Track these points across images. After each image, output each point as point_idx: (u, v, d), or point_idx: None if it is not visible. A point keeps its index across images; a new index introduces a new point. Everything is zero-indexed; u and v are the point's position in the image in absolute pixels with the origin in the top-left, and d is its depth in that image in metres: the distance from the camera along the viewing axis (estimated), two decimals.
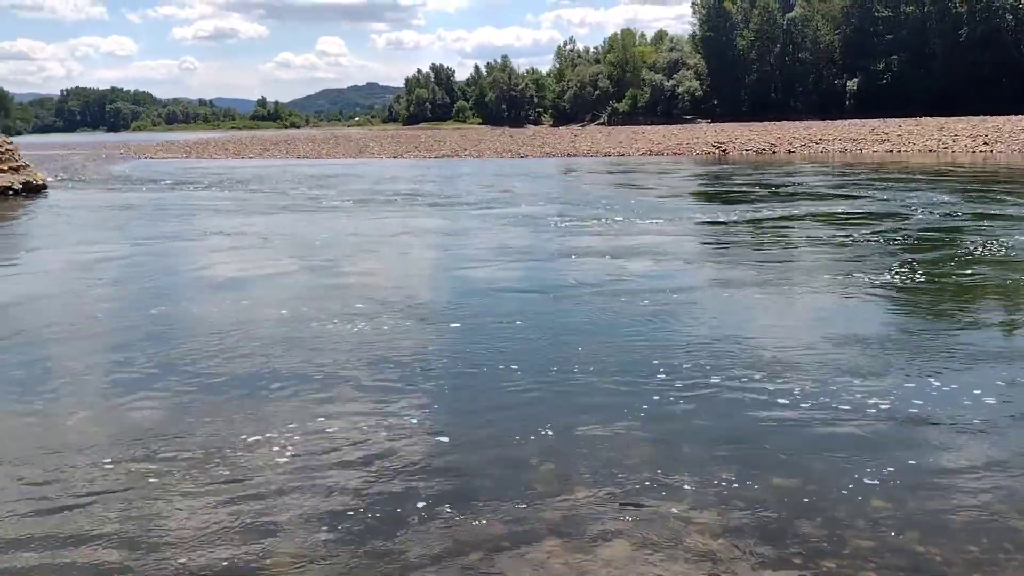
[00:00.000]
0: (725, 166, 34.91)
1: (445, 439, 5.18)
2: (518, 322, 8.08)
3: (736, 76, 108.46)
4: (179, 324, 8.46)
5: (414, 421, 5.51)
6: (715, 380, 6.14)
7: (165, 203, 22.58)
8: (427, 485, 4.54)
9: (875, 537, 3.91)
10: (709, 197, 21.60)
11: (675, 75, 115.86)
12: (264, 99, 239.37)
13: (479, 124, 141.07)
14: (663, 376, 6.25)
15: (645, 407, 5.63)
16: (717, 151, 44.99)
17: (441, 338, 7.64)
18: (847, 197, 19.64)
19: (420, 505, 4.31)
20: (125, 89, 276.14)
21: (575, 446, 5.04)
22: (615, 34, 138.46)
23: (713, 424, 5.37)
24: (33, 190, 25.45)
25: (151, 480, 4.68)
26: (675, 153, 45.14)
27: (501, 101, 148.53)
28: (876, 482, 4.46)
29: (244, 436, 5.29)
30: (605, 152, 46.81)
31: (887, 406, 5.56)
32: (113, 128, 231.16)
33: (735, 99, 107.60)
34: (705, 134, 60.82)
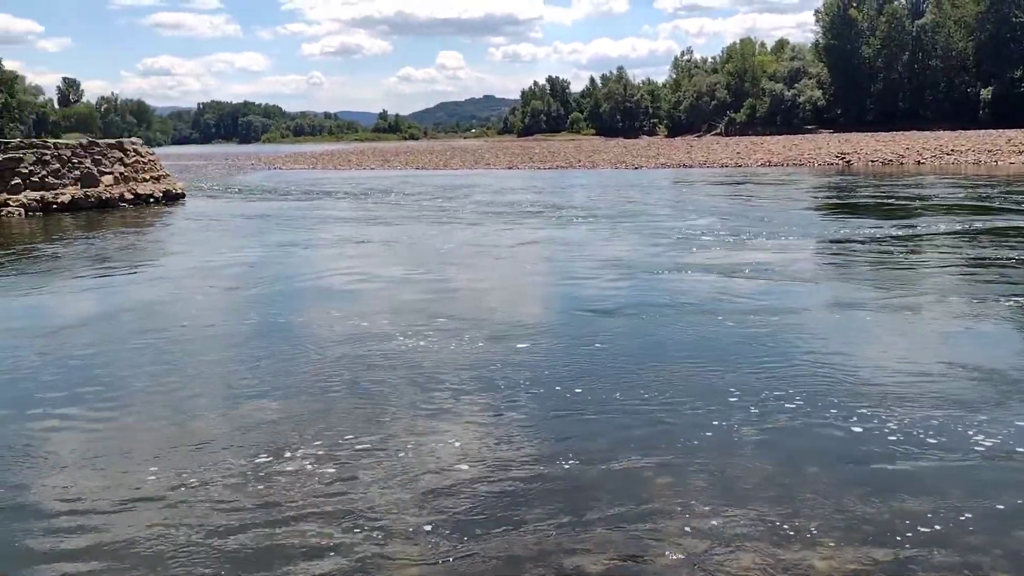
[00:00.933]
0: (848, 177, 33.74)
1: (553, 450, 5.26)
2: (619, 340, 8.05)
3: (861, 84, 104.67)
4: (296, 329, 8.88)
5: (517, 435, 5.61)
6: (813, 410, 5.98)
7: (293, 212, 23.61)
8: (534, 498, 4.64)
9: None
10: (830, 210, 20.94)
11: (796, 84, 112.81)
12: (385, 112, 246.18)
13: (593, 135, 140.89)
14: (757, 406, 6.12)
15: (731, 437, 5.54)
16: (840, 162, 43.56)
17: (538, 356, 7.66)
18: (982, 212, 18.67)
19: (532, 516, 4.41)
20: (256, 103, 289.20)
21: (678, 472, 5.02)
22: (734, 44, 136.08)
23: (818, 455, 5.25)
24: (172, 198, 27.07)
25: (262, 484, 4.96)
26: (795, 164, 43.94)
27: (615, 112, 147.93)
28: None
29: (354, 442, 5.52)
30: (722, 163, 46.01)
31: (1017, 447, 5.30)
32: (245, 140, 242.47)
33: (859, 108, 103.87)
34: (828, 144, 58.94)
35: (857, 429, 5.52)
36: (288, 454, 5.34)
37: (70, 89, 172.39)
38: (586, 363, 7.25)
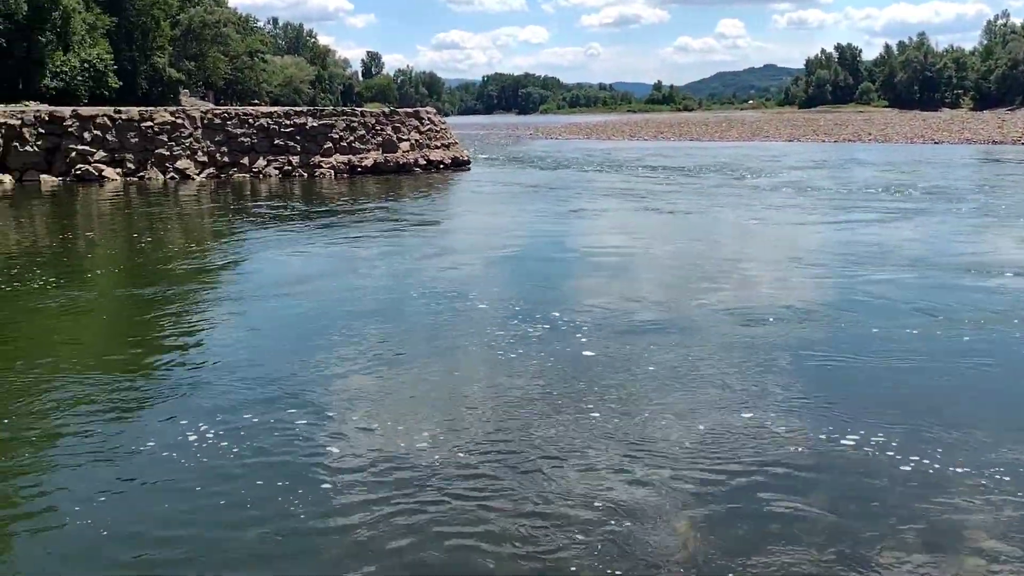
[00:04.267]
0: None
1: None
2: (895, 353, 7.54)
3: None
4: (559, 296, 9.19)
5: (781, 426, 5.47)
6: None
7: (568, 181, 24.27)
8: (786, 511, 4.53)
9: None
10: None
11: None
12: (660, 83, 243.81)
13: (885, 107, 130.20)
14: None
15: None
16: None
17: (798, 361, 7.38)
18: None
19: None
20: (536, 75, 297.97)
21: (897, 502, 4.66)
22: None
23: None
24: (459, 164, 28.83)
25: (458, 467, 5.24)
26: None
27: (912, 83, 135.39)
28: None
29: (617, 421, 5.66)
30: None
31: None
32: (523, 111, 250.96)
33: None
34: None
35: None
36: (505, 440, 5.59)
37: (373, 62, 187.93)
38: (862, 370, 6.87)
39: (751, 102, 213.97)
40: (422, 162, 27.37)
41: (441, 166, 27.94)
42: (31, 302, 9.02)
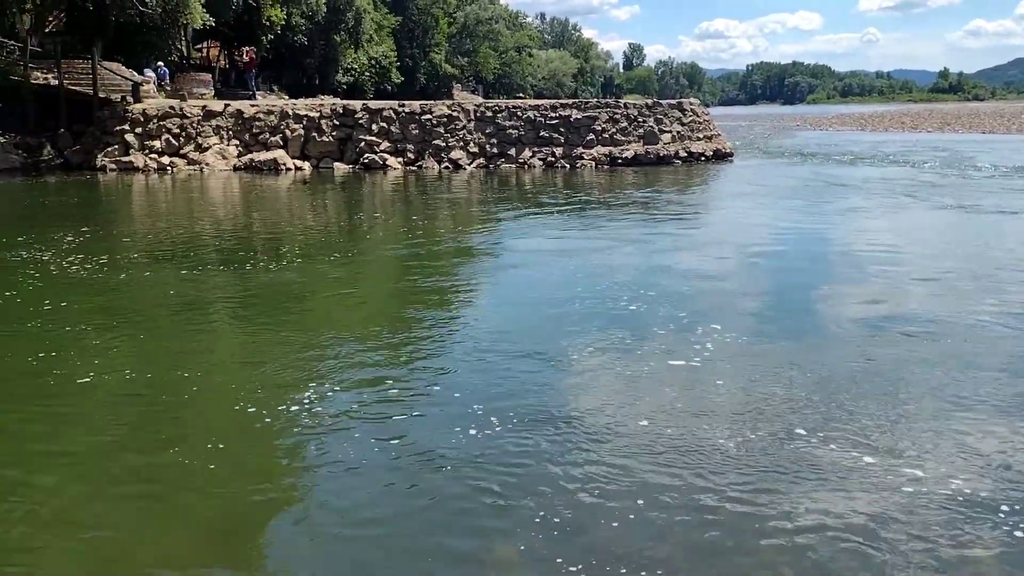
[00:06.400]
0: None
1: None
2: None
3: None
4: (818, 306, 8.70)
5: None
6: None
7: (839, 176, 22.94)
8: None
9: None
10: None
11: None
12: (946, 70, 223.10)
13: None
14: None
15: None
16: None
17: None
18: None
19: None
20: (805, 63, 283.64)
21: None
22: None
23: None
24: (721, 157, 28.21)
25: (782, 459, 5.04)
26: None
27: None
28: None
29: (875, 434, 5.30)
30: None
31: None
32: (789, 101, 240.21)
33: None
34: None
35: None
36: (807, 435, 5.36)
37: (634, 54, 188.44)
38: None
39: None
40: (683, 154, 27.07)
41: (702, 158, 27.49)
42: (328, 269, 10.10)
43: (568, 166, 25.80)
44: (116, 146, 25.54)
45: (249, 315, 8.32)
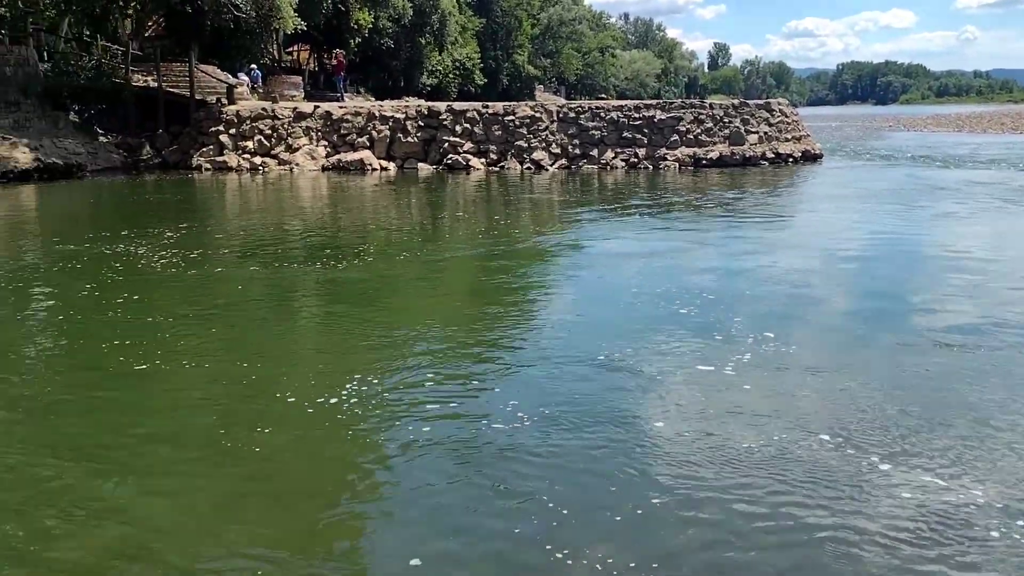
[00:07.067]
0: None
1: None
2: None
3: None
4: (903, 317, 8.42)
5: None
6: None
7: (933, 179, 22.16)
8: None
9: None
10: None
11: None
12: None
13: None
14: None
15: None
16: None
17: None
18: None
19: None
20: (898, 62, 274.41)
21: None
22: None
23: None
24: (810, 158, 27.58)
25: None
26: None
27: None
28: None
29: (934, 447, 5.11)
30: None
31: None
32: (880, 101, 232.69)
33: None
34: None
35: None
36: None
37: (719, 53, 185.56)
38: None
39: None
40: (770, 155, 26.55)
41: (790, 160, 26.91)
42: (409, 266, 10.32)
43: (651, 167, 25.59)
44: (211, 146, 26.52)
45: (334, 310, 8.64)
